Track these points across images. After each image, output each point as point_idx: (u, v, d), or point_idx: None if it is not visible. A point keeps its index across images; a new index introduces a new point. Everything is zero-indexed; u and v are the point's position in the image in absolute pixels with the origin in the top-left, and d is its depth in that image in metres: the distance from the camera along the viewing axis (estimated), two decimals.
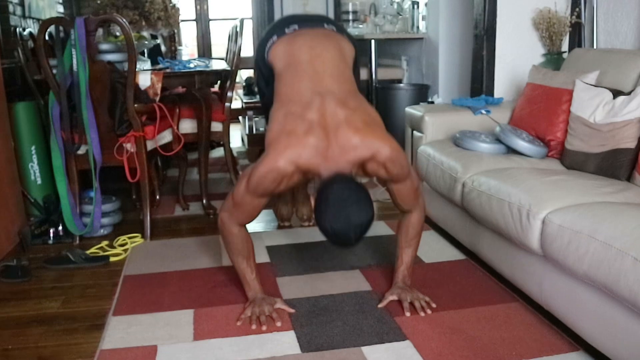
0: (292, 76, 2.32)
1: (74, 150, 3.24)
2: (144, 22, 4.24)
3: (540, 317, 2.29)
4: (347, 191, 2.00)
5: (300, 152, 2.08)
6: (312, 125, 2.11)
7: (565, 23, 3.65)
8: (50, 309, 2.52)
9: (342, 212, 1.96)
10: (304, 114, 2.14)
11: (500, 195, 2.40)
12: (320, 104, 2.16)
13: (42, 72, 3.18)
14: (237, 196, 2.24)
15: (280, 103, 2.27)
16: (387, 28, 5.54)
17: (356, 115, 2.15)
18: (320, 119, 2.12)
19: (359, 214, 1.97)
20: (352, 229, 1.97)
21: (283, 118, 2.18)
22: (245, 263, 2.41)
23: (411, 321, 2.29)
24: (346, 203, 1.97)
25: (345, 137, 2.09)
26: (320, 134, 2.09)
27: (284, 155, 2.08)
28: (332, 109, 2.14)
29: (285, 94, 2.29)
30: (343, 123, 2.11)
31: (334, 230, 1.98)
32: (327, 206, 1.98)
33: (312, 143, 2.08)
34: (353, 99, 2.25)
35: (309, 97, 2.19)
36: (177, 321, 2.35)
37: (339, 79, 2.30)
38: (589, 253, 1.86)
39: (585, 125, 2.67)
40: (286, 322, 2.31)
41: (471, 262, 2.87)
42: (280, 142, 2.11)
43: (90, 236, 3.36)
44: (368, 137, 2.11)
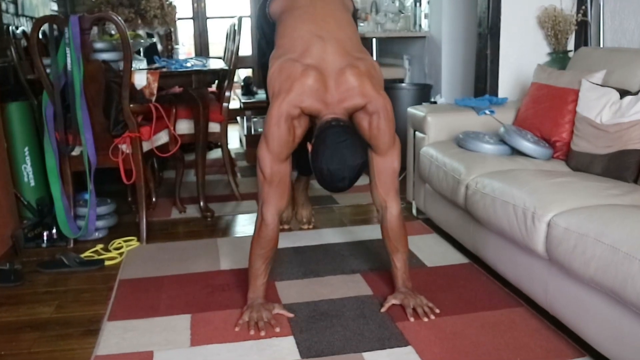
0: (293, 20, 2.45)
1: (68, 152, 3.24)
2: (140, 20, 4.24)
3: (546, 323, 2.29)
4: (343, 134, 2.16)
5: (300, 93, 2.23)
6: (309, 67, 2.25)
7: (571, 21, 3.65)
8: (44, 314, 2.52)
9: (337, 152, 2.12)
10: (302, 58, 2.28)
11: (504, 197, 2.40)
12: (321, 48, 2.29)
13: (36, 72, 3.18)
14: (265, 169, 2.33)
15: (279, 50, 2.40)
16: (388, 26, 5.54)
17: (360, 64, 2.29)
18: (320, 63, 2.26)
19: (354, 155, 2.14)
20: (347, 169, 2.14)
21: (280, 65, 2.31)
22: (264, 266, 2.41)
23: (413, 326, 2.29)
24: (342, 145, 2.13)
25: (346, 80, 2.25)
26: (316, 77, 2.24)
27: (287, 100, 2.23)
28: (333, 54, 2.28)
29: (285, 38, 2.41)
30: (346, 68, 2.26)
31: (329, 170, 2.14)
32: (324, 147, 2.15)
33: (309, 85, 2.23)
34: (357, 49, 2.38)
35: (311, 40, 2.31)
36: (174, 326, 2.35)
37: (341, 23, 2.42)
38: (596, 257, 1.86)
39: (592, 125, 2.68)
40: (285, 328, 2.31)
41: (475, 266, 2.88)
42: (281, 90, 2.26)
43: (85, 239, 3.36)
44: (367, 85, 2.27)
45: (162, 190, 4.39)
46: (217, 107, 4.01)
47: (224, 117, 4.00)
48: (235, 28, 4.16)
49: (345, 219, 3.68)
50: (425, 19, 5.25)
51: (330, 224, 3.57)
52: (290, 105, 2.23)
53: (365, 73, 2.30)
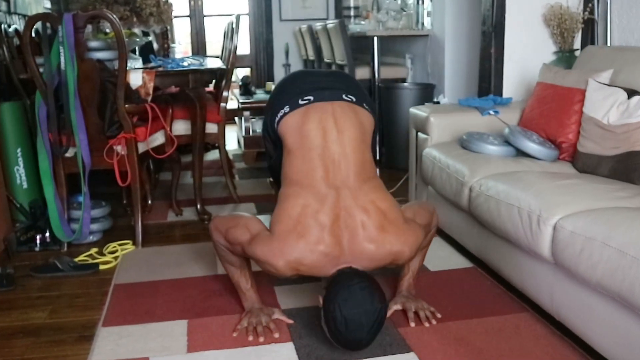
0: (304, 162, 2.23)
1: (61, 153, 3.24)
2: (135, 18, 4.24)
3: (551, 328, 2.29)
4: (358, 277, 2.03)
5: (305, 258, 2.08)
6: (324, 232, 2.08)
7: (578, 19, 3.66)
8: (37, 320, 2.52)
9: (353, 295, 1.98)
10: (318, 214, 2.10)
11: (509, 200, 2.40)
12: (335, 203, 2.12)
13: (29, 71, 3.18)
14: (231, 238, 2.25)
15: (293, 189, 2.21)
16: (390, 24, 5.55)
17: (371, 219, 2.11)
18: (334, 224, 2.09)
19: (372, 299, 2.00)
20: (365, 315, 1.99)
21: (297, 213, 2.12)
22: (239, 273, 2.41)
23: (416, 332, 2.29)
24: (358, 287, 1.99)
25: (360, 247, 2.09)
26: (331, 242, 2.08)
27: (285, 257, 2.08)
28: (347, 210, 2.11)
29: (296, 181, 2.22)
30: (359, 229, 2.10)
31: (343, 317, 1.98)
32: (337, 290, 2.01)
33: (321, 252, 2.08)
34: (367, 191, 2.18)
35: (324, 190, 2.15)
36: (170, 332, 2.35)
37: (355, 167, 2.22)
38: (603, 261, 1.86)
39: (599, 126, 2.68)
40: (285, 334, 2.31)
41: (479, 270, 2.88)
42: (288, 241, 2.09)
43: (79, 243, 3.36)
44: (384, 244, 2.11)
45: (158, 193, 4.39)
46: (215, 107, 4.01)
47: (221, 117, 4.00)
48: (233, 26, 4.17)
49: None
50: (428, 16, 5.26)
51: None
52: (286, 266, 2.08)
53: (379, 226, 2.11)
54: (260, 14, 7.79)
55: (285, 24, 7.81)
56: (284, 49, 7.88)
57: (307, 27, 6.60)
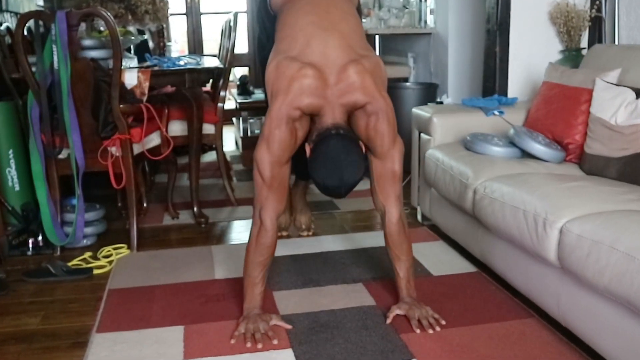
0: (294, 11, 2.49)
1: (54, 155, 3.25)
2: (131, 16, 4.25)
3: (558, 335, 2.29)
4: (343, 150, 2.21)
5: (299, 93, 2.27)
6: (306, 66, 2.28)
7: (585, 17, 3.67)
8: (29, 326, 2.52)
9: (336, 169, 2.18)
10: (301, 55, 2.32)
11: (514, 202, 2.41)
12: (322, 42, 2.33)
13: (21, 70, 3.19)
14: (264, 172, 2.34)
15: (280, 43, 2.44)
16: (392, 22, 5.55)
17: (364, 60, 2.33)
18: (320, 59, 2.30)
19: (352, 173, 2.20)
20: (344, 187, 2.22)
21: (278, 62, 2.34)
22: (262, 274, 2.42)
23: (418, 339, 2.29)
24: (341, 163, 2.19)
25: (346, 77, 2.29)
26: (315, 74, 2.27)
27: (286, 102, 2.27)
28: (335, 48, 2.32)
29: (285, 32, 2.44)
30: (349, 64, 2.29)
31: (325, 185, 2.23)
32: (323, 162, 2.21)
33: (308, 83, 2.27)
34: (361, 44, 2.42)
35: (310, 32, 2.35)
36: (166, 338, 2.36)
37: (345, 15, 2.45)
38: (610, 265, 1.86)
39: (606, 127, 2.68)
40: (283, 340, 2.31)
41: (483, 274, 2.88)
42: (280, 91, 2.29)
43: (73, 247, 3.36)
44: (368, 84, 2.31)
45: (154, 195, 4.40)
46: (212, 107, 4.02)
47: (218, 118, 4.01)
48: (231, 24, 4.17)
49: (346, 225, 3.69)
50: (431, 14, 5.26)
51: (331, 231, 3.57)
52: (289, 107, 2.27)
53: (369, 71, 2.33)
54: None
55: None
56: None
57: None
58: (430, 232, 3.49)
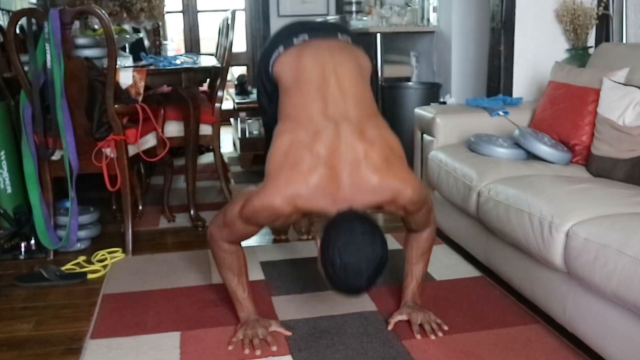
0: (301, 96, 2.24)
1: (47, 156, 3.25)
2: (126, 14, 4.26)
3: (564, 341, 2.29)
4: (359, 221, 2.00)
5: (301, 191, 2.06)
6: (318, 162, 2.06)
7: (592, 15, 3.67)
8: (22, 332, 2.52)
9: (352, 240, 1.95)
10: (313, 145, 2.09)
11: (519, 205, 2.41)
12: (333, 135, 2.10)
13: (13, 69, 3.19)
14: (228, 217, 2.24)
15: (286, 125, 2.22)
16: (394, 20, 5.56)
17: (375, 149, 2.10)
18: (331, 156, 2.07)
19: (372, 245, 1.97)
20: (365, 261, 1.96)
21: (288, 146, 2.13)
22: (237, 280, 2.42)
23: (421, 345, 2.29)
24: (358, 232, 1.96)
25: (363, 177, 2.07)
26: (325, 174, 2.06)
27: (281, 194, 2.07)
28: (348, 142, 2.09)
29: (292, 116, 2.22)
30: (362, 161, 2.07)
31: (342, 263, 1.95)
32: (336, 235, 1.97)
33: (315, 183, 2.05)
34: (372, 126, 2.18)
35: (321, 123, 2.14)
36: (162, 345, 2.36)
37: (356, 100, 2.22)
38: (618, 269, 1.86)
39: (614, 127, 2.69)
40: (282, 346, 2.31)
41: (487, 279, 2.88)
42: (280, 176, 2.09)
43: (66, 251, 3.36)
44: (389, 177, 2.10)
45: (150, 198, 4.40)
46: (209, 107, 4.02)
47: (216, 118, 4.01)
48: (229, 22, 4.17)
49: None
50: (434, 12, 5.27)
51: None
52: (283, 202, 2.07)
53: (384, 158, 2.11)
54: (257, 9, 7.79)
55: (283, 20, 7.74)
56: None
57: None
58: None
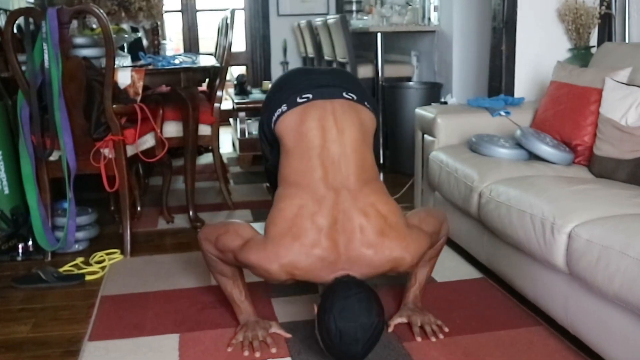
0: (302, 163, 2.26)
1: (45, 157, 3.25)
2: (124, 13, 4.26)
3: (566, 343, 2.29)
4: (356, 287, 2.03)
5: (300, 262, 2.08)
6: (320, 236, 2.09)
7: (594, 14, 3.67)
8: (19, 334, 2.52)
9: (348, 307, 1.98)
10: (316, 216, 2.11)
11: (521, 206, 2.41)
12: (333, 205, 2.13)
13: (10, 69, 3.19)
14: (222, 246, 2.26)
15: (289, 191, 2.23)
16: (394, 20, 5.57)
17: (370, 223, 2.12)
18: (331, 227, 2.09)
19: (368, 311, 2.00)
20: (360, 329, 1.98)
21: (293, 214, 2.14)
22: (232, 284, 2.42)
23: (422, 347, 2.29)
24: (354, 299, 1.99)
25: (358, 252, 2.09)
26: (328, 247, 2.08)
27: (280, 261, 2.09)
28: (346, 213, 2.12)
29: (294, 182, 2.24)
30: (357, 234, 2.10)
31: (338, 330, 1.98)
32: (332, 301, 2.01)
33: (317, 255, 2.08)
34: (368, 193, 2.19)
35: (322, 192, 2.16)
36: (161, 347, 2.36)
37: (356, 168, 2.23)
38: (621, 271, 1.87)
39: (616, 128, 2.69)
40: (282, 348, 2.31)
41: (489, 281, 2.88)
42: (282, 243, 2.10)
43: (64, 252, 3.36)
44: (384, 250, 2.11)
45: (148, 199, 4.40)
46: (208, 107, 4.02)
47: (215, 118, 4.01)
48: (228, 22, 4.18)
49: None
50: (435, 11, 5.27)
51: None
52: (280, 270, 2.09)
53: (379, 232, 2.12)
54: (257, 8, 7.80)
55: (283, 19, 7.82)
56: (282, 46, 7.89)
57: (307, 23, 6.62)
58: None
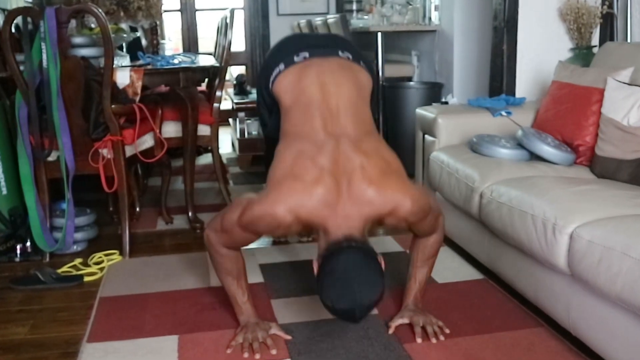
0: (302, 115, 2.30)
1: (43, 157, 3.25)
2: (123, 12, 4.26)
3: (568, 344, 2.29)
4: (356, 266, 1.99)
5: (305, 201, 2.07)
6: (322, 173, 2.09)
7: (596, 14, 3.67)
8: (17, 335, 2.52)
9: (348, 289, 1.96)
10: (316, 157, 2.13)
11: (522, 207, 2.41)
12: (334, 148, 2.15)
13: (8, 69, 3.19)
14: (226, 223, 2.24)
15: (289, 141, 2.27)
16: (395, 19, 5.56)
17: (371, 162, 2.13)
18: (333, 167, 2.10)
19: (367, 293, 1.99)
20: (359, 309, 1.99)
21: (293, 157, 2.17)
22: (236, 284, 2.42)
23: (422, 348, 2.29)
24: (353, 282, 1.97)
25: (359, 189, 2.08)
26: (331, 185, 2.07)
27: (284, 202, 2.07)
28: (346, 154, 2.13)
29: (294, 133, 2.28)
30: (357, 172, 2.10)
31: (335, 309, 2.01)
32: (332, 282, 1.99)
33: (320, 194, 2.07)
34: (369, 141, 2.23)
35: (322, 138, 2.19)
36: (160, 348, 2.36)
37: (354, 118, 2.28)
38: (623, 272, 1.87)
39: (618, 128, 2.69)
40: (282, 350, 2.31)
41: (490, 282, 2.88)
42: (284, 185, 2.11)
43: (62, 253, 3.36)
44: (385, 189, 2.11)
45: (147, 199, 4.40)
46: (207, 107, 4.02)
47: (214, 118, 4.01)
48: (227, 21, 4.18)
49: None
50: (436, 11, 5.27)
51: None
52: (285, 211, 2.07)
53: (381, 171, 2.13)
54: (256, 8, 7.80)
55: (282, 19, 7.81)
56: None
57: (306, 22, 6.61)
58: None
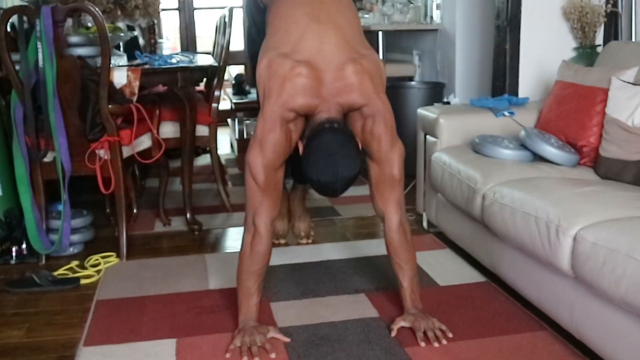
0: (288, 5, 2.47)
1: (39, 158, 3.25)
2: (120, 11, 4.26)
3: (571, 348, 2.29)
4: (337, 143, 2.23)
5: (293, 95, 2.29)
6: (299, 65, 2.29)
7: (600, 13, 3.67)
8: (13, 339, 2.52)
9: (330, 164, 2.19)
10: (294, 52, 2.32)
11: (525, 208, 2.41)
12: (316, 36, 2.35)
13: (4, 69, 3.20)
14: (258, 176, 2.35)
15: (272, 37, 2.45)
16: (396, 18, 5.56)
17: (364, 60, 2.35)
18: (315, 56, 2.31)
19: (348, 167, 2.21)
20: (340, 182, 2.22)
21: (270, 60, 2.36)
22: (257, 284, 2.42)
23: (424, 352, 2.29)
24: (335, 156, 2.20)
25: (344, 77, 2.31)
26: (309, 73, 2.29)
27: (278, 103, 2.30)
28: (331, 44, 2.33)
29: (276, 25, 2.46)
30: (348, 63, 2.32)
31: (319, 182, 2.23)
32: (316, 157, 2.22)
33: (302, 82, 2.29)
34: (359, 40, 2.44)
35: (304, 25, 2.37)
36: (158, 352, 2.36)
37: (340, 6, 2.46)
38: (627, 275, 1.87)
39: (623, 128, 2.69)
40: (281, 353, 2.31)
41: (492, 284, 2.88)
42: (272, 90, 2.32)
43: (58, 255, 3.36)
44: (366, 85, 2.34)
45: (144, 201, 4.40)
46: (206, 108, 4.02)
47: (213, 119, 4.01)
48: (226, 20, 4.18)
49: (348, 232, 3.69)
50: (437, 10, 5.27)
51: (331, 239, 3.58)
52: (283, 109, 2.30)
53: (368, 71, 2.35)
54: None
55: None
56: None
57: None
58: (436, 239, 3.49)
